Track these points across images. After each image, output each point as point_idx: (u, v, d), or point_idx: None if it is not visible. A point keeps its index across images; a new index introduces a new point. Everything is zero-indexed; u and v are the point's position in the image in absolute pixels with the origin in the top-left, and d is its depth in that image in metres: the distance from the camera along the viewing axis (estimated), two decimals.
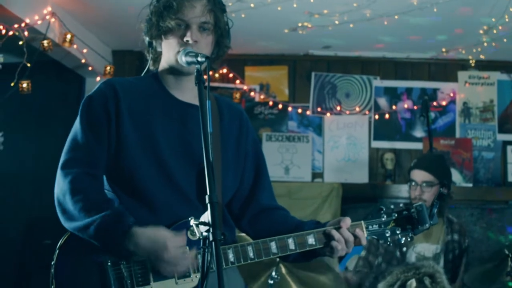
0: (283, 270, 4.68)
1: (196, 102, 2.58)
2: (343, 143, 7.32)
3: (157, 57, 2.97)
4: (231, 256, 2.73)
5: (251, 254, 2.76)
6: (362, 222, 2.92)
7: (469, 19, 5.97)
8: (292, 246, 2.81)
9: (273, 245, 2.79)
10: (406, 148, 7.31)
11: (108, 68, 6.55)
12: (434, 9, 5.57)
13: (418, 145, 7.23)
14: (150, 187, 2.76)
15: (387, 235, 2.96)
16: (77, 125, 2.81)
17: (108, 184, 2.85)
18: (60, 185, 2.73)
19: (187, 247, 2.65)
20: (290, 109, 7.32)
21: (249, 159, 3.07)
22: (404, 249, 5.12)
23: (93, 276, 2.65)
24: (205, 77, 2.61)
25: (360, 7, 5.67)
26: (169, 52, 2.86)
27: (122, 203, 2.78)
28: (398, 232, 2.97)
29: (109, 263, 2.63)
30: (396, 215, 2.98)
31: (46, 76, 6.47)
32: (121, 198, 2.79)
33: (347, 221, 2.84)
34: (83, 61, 6.27)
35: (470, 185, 7.01)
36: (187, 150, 2.79)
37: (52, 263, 2.68)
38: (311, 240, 2.83)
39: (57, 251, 2.70)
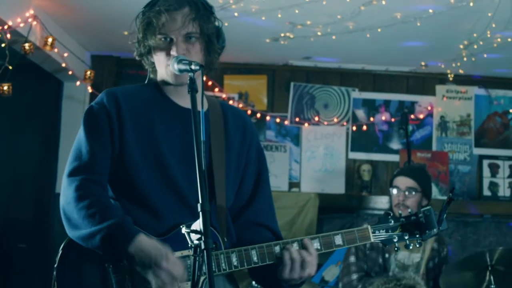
0: None
1: (197, 107, 2.57)
2: (321, 153, 7.33)
3: (154, 68, 2.94)
4: (234, 260, 2.71)
5: (255, 258, 2.73)
6: (368, 226, 2.88)
7: (451, 34, 6.03)
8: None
9: (277, 249, 2.76)
10: (383, 160, 7.36)
11: (88, 72, 6.49)
12: (417, 23, 5.61)
13: (395, 157, 7.28)
14: (151, 193, 2.75)
15: (395, 240, 2.90)
16: (81, 134, 2.80)
17: (111, 191, 2.84)
18: (65, 193, 2.71)
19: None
20: (268, 118, 7.32)
21: (250, 168, 3.03)
22: (387, 255, 5.15)
23: (95, 279, 2.65)
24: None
25: (344, 19, 5.69)
26: (159, 67, 2.86)
27: (124, 209, 2.76)
28: (406, 237, 2.90)
29: (110, 267, 2.63)
30: (404, 220, 2.91)
31: (24, 79, 6.41)
32: (123, 204, 2.77)
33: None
34: (63, 65, 6.21)
35: (446, 198, 7.05)
36: (189, 156, 2.75)
37: (55, 265, 2.68)
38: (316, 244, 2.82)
39: (60, 252, 2.70)
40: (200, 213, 2.36)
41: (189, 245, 2.39)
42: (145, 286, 2.61)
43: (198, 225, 2.37)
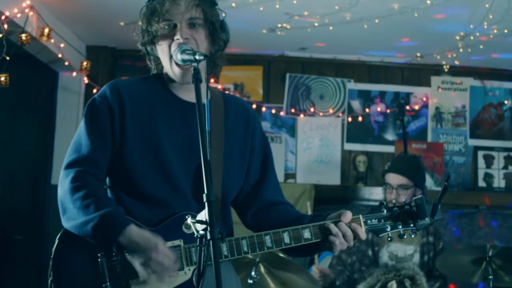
0: (262, 269, 4.68)
1: (202, 99, 2.57)
2: (316, 144, 7.34)
3: (159, 63, 2.94)
4: (225, 250, 2.73)
5: (245, 248, 2.75)
6: (361, 216, 2.86)
7: (448, 25, 6.04)
8: (287, 240, 2.78)
9: (267, 239, 2.77)
10: (378, 151, 7.38)
11: (84, 63, 6.47)
12: (415, 14, 5.62)
13: (390, 148, 7.30)
14: (148, 184, 2.77)
15: (388, 229, 2.88)
16: (81, 126, 2.83)
17: (109, 182, 2.87)
18: (62, 185, 2.74)
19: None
20: (264, 109, 7.32)
21: (255, 154, 3.06)
22: (376, 248, 5.15)
23: (90, 269, 2.66)
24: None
25: (341, 10, 5.69)
26: (164, 59, 2.86)
27: (120, 200, 2.80)
28: (400, 227, 2.88)
29: (104, 257, 2.64)
30: (397, 209, 2.89)
31: (19, 70, 6.37)
32: (119, 195, 2.81)
33: (347, 215, 2.79)
34: (59, 55, 6.19)
35: (441, 189, 7.06)
36: (189, 149, 2.80)
37: (51, 255, 2.69)
38: (306, 234, 2.79)
39: (56, 242, 2.72)
40: (206, 204, 2.36)
41: (195, 235, 2.39)
42: (137, 276, 2.64)
43: (203, 215, 2.36)
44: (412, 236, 2.91)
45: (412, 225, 2.88)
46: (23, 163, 7.03)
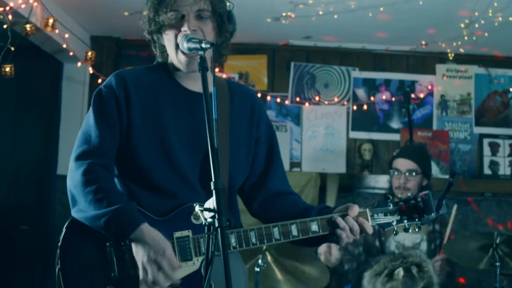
0: (269, 258, 4.68)
1: (208, 87, 2.57)
2: (321, 133, 7.33)
3: (164, 51, 2.94)
4: (233, 241, 2.75)
5: (253, 239, 2.77)
6: (367, 210, 2.88)
7: (452, 13, 6.02)
8: (295, 232, 2.80)
9: (275, 231, 2.79)
10: (384, 139, 7.36)
11: (89, 53, 6.47)
12: (420, 2, 5.60)
13: (396, 136, 7.29)
14: (155, 174, 2.78)
15: (393, 223, 2.92)
16: (90, 117, 2.83)
17: (117, 171, 2.87)
18: (73, 177, 2.74)
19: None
20: (269, 98, 7.31)
21: (261, 144, 3.06)
22: (383, 238, 5.16)
23: (97, 258, 2.67)
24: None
25: None
26: (170, 48, 2.85)
27: (128, 189, 2.81)
28: (405, 221, 2.91)
29: (112, 246, 2.66)
30: (403, 204, 2.93)
31: (23, 61, 6.36)
32: (127, 184, 2.82)
33: (354, 209, 2.81)
34: (64, 46, 6.19)
35: (447, 176, 7.07)
36: (195, 139, 2.81)
37: (59, 244, 2.70)
38: (314, 227, 2.81)
39: (64, 231, 2.73)
40: (213, 191, 2.36)
41: (203, 224, 2.39)
42: None
43: (211, 203, 2.36)
44: (417, 230, 2.95)
45: (417, 219, 2.92)
46: (28, 154, 7.04)
